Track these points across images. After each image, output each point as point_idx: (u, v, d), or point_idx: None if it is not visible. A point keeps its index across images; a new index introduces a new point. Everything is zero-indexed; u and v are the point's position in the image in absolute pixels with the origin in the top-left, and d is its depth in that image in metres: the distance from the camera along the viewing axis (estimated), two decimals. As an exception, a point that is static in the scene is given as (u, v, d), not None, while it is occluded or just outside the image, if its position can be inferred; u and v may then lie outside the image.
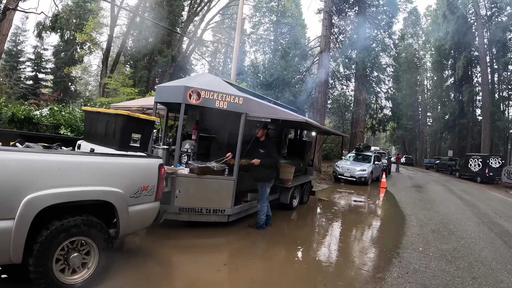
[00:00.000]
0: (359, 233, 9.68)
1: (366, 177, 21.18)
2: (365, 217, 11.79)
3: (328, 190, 18.11)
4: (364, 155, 24.12)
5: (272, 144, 8.32)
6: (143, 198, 5.29)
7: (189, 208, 7.61)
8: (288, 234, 8.72)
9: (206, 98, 7.58)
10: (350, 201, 14.71)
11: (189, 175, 7.55)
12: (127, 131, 5.76)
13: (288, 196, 10.69)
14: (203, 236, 7.56)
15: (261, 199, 8.45)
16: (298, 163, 12.43)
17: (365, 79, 29.21)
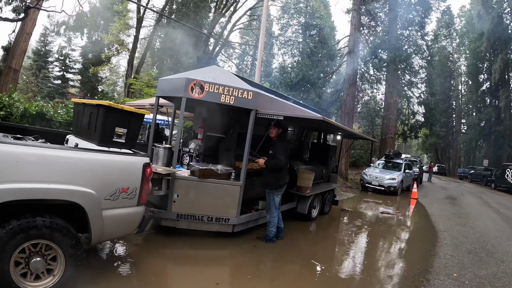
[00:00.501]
0: (384, 251, 8.74)
1: (396, 186, 20.20)
2: (392, 232, 10.95)
3: (354, 199, 17.30)
4: (394, 162, 23.16)
5: (281, 144, 7.59)
6: (121, 202, 4.86)
7: (188, 214, 7.11)
8: (303, 249, 7.93)
9: (210, 91, 7.04)
10: (377, 212, 13.96)
11: (189, 177, 7.08)
12: (109, 124, 5.33)
13: (306, 206, 9.93)
14: (203, 247, 7.01)
15: (269, 209, 7.73)
16: (320, 169, 11.69)
17: (397, 81, 28.06)
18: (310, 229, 9.73)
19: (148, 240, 6.95)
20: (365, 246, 8.95)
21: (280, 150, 7.48)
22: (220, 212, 7.28)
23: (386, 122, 31.61)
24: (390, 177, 20.67)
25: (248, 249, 7.20)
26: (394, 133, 32.06)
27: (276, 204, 7.68)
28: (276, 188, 7.59)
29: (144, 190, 5.11)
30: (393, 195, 20.05)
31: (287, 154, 7.68)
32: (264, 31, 18.49)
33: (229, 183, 7.32)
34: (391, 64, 25.68)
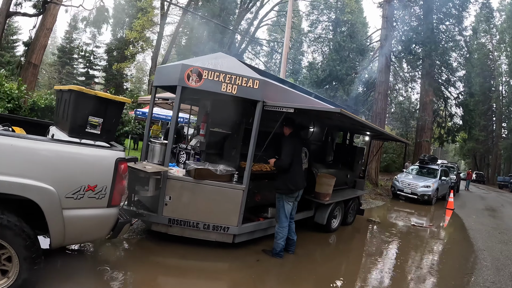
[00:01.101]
0: (412, 273, 7.77)
1: (430, 195, 19.30)
2: (424, 248, 10.11)
3: (383, 208, 16.58)
4: (429, 168, 22.20)
5: (289, 142, 6.97)
6: (87, 201, 4.53)
7: (181, 220, 6.64)
8: (318, 266, 7.27)
9: (209, 79, 6.54)
10: (407, 224, 13.20)
11: (183, 178, 6.62)
12: (81, 112, 4.95)
13: (326, 215, 9.19)
14: (198, 258, 6.56)
15: (278, 217, 7.08)
16: (344, 173, 10.97)
17: (432, 79, 26.92)
18: (328, 242, 9.11)
19: (138, 246, 6.69)
20: (391, 267, 8.07)
21: (286, 149, 6.86)
22: (218, 219, 6.73)
23: (421, 124, 30.61)
24: (424, 185, 19.72)
25: (249, 264, 6.64)
26: (430, 137, 31.10)
27: (286, 212, 6.97)
28: (286, 193, 6.95)
29: (117, 190, 4.72)
30: (427, 205, 19.18)
31: (297, 154, 7.06)
32: (290, 25, 18.64)
33: (229, 186, 6.74)
34: (427, 59, 24.80)
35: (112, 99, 5.17)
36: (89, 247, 6.19)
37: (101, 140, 5.04)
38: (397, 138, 12.38)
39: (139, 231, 7.26)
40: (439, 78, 28.37)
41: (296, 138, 7.15)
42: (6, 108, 10.69)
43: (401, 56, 26.15)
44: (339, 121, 8.59)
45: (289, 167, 6.79)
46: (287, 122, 7.04)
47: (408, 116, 36.12)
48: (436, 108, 31.52)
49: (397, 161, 38.11)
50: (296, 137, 7.19)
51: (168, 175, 6.49)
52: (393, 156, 38.28)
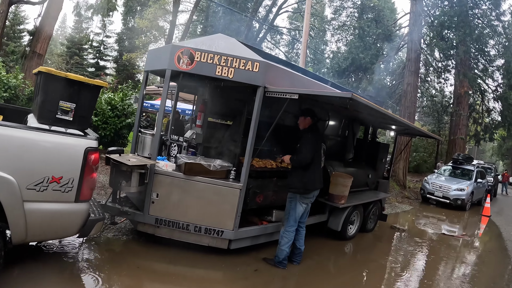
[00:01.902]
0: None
1: (464, 199, 18.84)
2: (454, 261, 9.80)
3: (410, 213, 16.29)
4: (463, 169, 21.75)
5: (311, 136, 6.70)
6: (51, 194, 4.54)
7: (170, 220, 6.50)
8: (327, 280, 6.94)
9: (202, 62, 6.33)
10: (437, 232, 12.82)
11: (172, 173, 6.51)
12: (51, 96, 4.98)
13: (341, 220, 8.89)
14: (187, 264, 6.42)
15: (286, 218, 6.79)
16: (365, 173, 10.69)
17: (468, 68, 26.43)
18: (344, 252, 8.89)
19: (124, 247, 6.65)
20: (416, 283, 7.75)
21: (308, 143, 6.61)
22: (211, 222, 6.56)
23: (456, 120, 30.31)
24: (457, 188, 19.33)
25: (246, 274, 6.41)
26: (465, 134, 30.72)
27: (296, 215, 6.69)
28: (301, 193, 6.66)
29: (86, 183, 4.74)
30: (460, 210, 18.82)
31: (317, 150, 6.78)
32: (309, 9, 18.88)
33: (225, 184, 6.55)
34: (461, 46, 24.34)
35: (85, 82, 5.11)
36: (69, 246, 6.15)
37: (74, 127, 5.01)
38: (427, 134, 12.12)
39: (125, 231, 7.20)
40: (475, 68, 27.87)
41: (317, 133, 6.97)
42: (2, 97, 10.86)
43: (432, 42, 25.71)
44: (358, 112, 8.33)
45: (309, 164, 6.57)
46: (306, 112, 6.77)
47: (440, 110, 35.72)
48: (472, 102, 31.17)
49: (428, 160, 37.72)
50: (317, 131, 7.02)
51: (155, 169, 6.33)
52: (424, 155, 37.83)
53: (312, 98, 6.80)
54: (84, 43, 54.00)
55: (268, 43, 45.91)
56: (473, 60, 27.40)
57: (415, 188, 23.49)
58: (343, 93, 6.25)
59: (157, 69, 7.34)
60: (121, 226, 7.25)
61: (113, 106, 12.82)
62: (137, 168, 6.04)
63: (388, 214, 12.13)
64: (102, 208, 5.82)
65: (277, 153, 7.26)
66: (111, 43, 56.35)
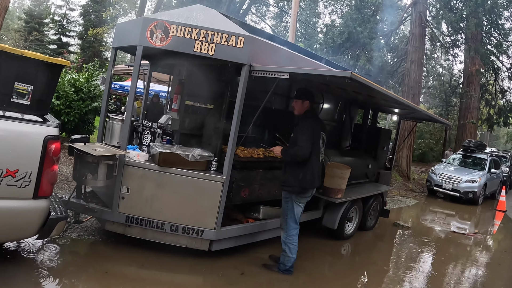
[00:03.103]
0: None
1: (476, 192, 18.94)
2: (465, 263, 9.86)
3: (416, 208, 16.51)
4: (475, 158, 21.96)
5: (307, 125, 6.61)
6: (5, 190, 4.54)
7: (142, 219, 6.50)
8: (322, 285, 7.03)
9: (177, 37, 6.35)
10: (446, 230, 12.98)
11: (145, 165, 6.52)
12: (5, 77, 4.95)
13: (337, 218, 8.96)
14: (163, 268, 6.42)
15: (285, 222, 6.78)
16: (364, 163, 10.78)
17: (479, 44, 26.57)
18: (340, 253, 9.01)
19: (90, 249, 6.66)
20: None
21: (304, 133, 6.48)
22: (190, 220, 6.59)
23: (466, 102, 30.49)
24: (468, 179, 19.43)
25: (230, 279, 6.43)
26: (476, 118, 30.91)
27: (296, 216, 6.71)
28: (298, 193, 6.64)
29: (46, 177, 4.75)
30: (472, 205, 18.97)
31: (317, 141, 6.73)
32: None
33: (205, 176, 6.56)
34: (472, 17, 24.42)
35: (45, 61, 5.10)
36: (26, 249, 6.09)
37: (31, 112, 5.04)
38: (434, 118, 12.15)
39: (92, 231, 7.23)
40: (488, 43, 28.05)
41: (315, 119, 6.89)
42: None
43: (439, 14, 25.78)
44: (356, 94, 8.44)
45: (307, 159, 6.52)
46: (303, 95, 6.72)
47: (449, 91, 35.96)
48: (484, 82, 31.34)
49: (435, 148, 38.08)
50: (315, 117, 6.96)
51: (125, 160, 6.34)
52: (430, 142, 38.19)
53: (305, 78, 6.81)
54: (44, 17, 53.87)
55: (252, 15, 46.58)
56: (485, 34, 27.52)
57: (421, 179, 23.70)
58: (342, 72, 6.24)
59: (127, 46, 7.27)
60: (86, 225, 7.25)
61: (77, 88, 12.73)
62: (105, 159, 6.03)
63: (390, 209, 12.26)
64: (65, 205, 5.82)
65: (265, 141, 7.30)
66: (75, 17, 55.92)
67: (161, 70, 9.38)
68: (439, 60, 31.14)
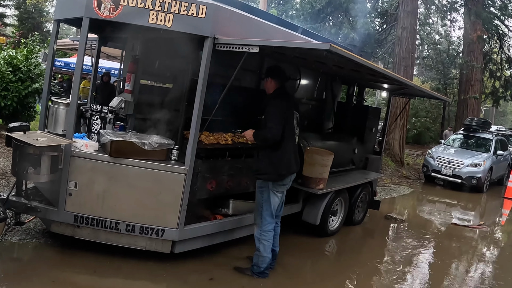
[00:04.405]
0: None
1: (480, 177, 19.05)
2: (470, 261, 10.00)
3: (411, 198, 16.70)
4: (478, 138, 22.11)
5: (277, 104, 6.79)
6: None
7: (93, 218, 6.50)
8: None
9: (130, 7, 6.36)
10: (447, 222, 13.17)
11: (95, 155, 6.56)
12: None
13: (319, 211, 9.00)
14: (119, 275, 6.47)
15: (259, 216, 6.88)
16: (349, 147, 10.95)
17: (481, 7, 26.84)
18: (324, 252, 9.07)
19: (34, 255, 6.67)
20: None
21: (273, 113, 6.66)
22: (148, 218, 6.61)
23: (467, 73, 30.68)
24: (471, 163, 19.52)
25: (196, 285, 6.58)
26: (479, 92, 31.03)
27: (272, 209, 6.79)
28: (274, 180, 6.74)
29: None
30: (476, 192, 19.11)
31: (290, 121, 6.90)
32: None
33: (165, 167, 6.60)
34: None
35: None
36: None
37: None
38: (429, 93, 12.28)
39: (35, 234, 7.22)
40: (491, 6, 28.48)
41: (286, 98, 7.03)
42: None
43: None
44: (339, 68, 8.49)
45: (280, 141, 6.62)
46: (271, 73, 6.86)
47: (447, 62, 36.20)
48: (487, 50, 31.60)
49: (433, 128, 38.51)
50: (285, 95, 7.08)
51: (72, 151, 6.34)
52: (427, 121, 38.31)
53: (278, 51, 6.89)
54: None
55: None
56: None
57: (416, 164, 23.82)
58: (319, 44, 6.39)
59: (71, 17, 7.22)
60: (29, 226, 7.25)
61: (15, 67, 12.59)
62: (48, 150, 6.00)
63: (381, 200, 12.41)
64: (3, 204, 5.87)
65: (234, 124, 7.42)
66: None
67: (111, 44, 9.37)
68: (434, 26, 31.35)
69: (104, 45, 9.33)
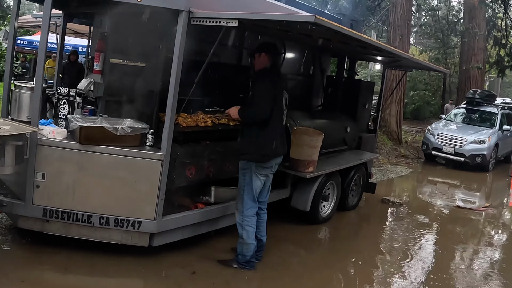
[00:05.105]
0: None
1: (485, 155, 19.36)
2: (476, 247, 9.99)
3: (410, 179, 16.92)
4: (482, 112, 22.21)
5: (266, 81, 6.84)
6: None
7: (64, 211, 6.43)
8: (293, 284, 7.11)
9: None
10: (449, 205, 13.29)
11: (63, 143, 6.50)
12: None
13: (309, 197, 9.06)
14: (93, 272, 6.40)
15: (241, 200, 6.93)
16: (341, 125, 10.98)
17: None
18: (316, 240, 9.16)
19: (2, 252, 6.58)
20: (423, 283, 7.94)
21: (263, 90, 6.74)
22: (123, 210, 6.59)
23: (469, 42, 30.87)
24: (475, 139, 19.71)
25: (179, 281, 6.52)
26: (483, 62, 31.19)
27: (254, 192, 6.82)
28: (257, 161, 6.79)
29: None
30: (481, 171, 19.28)
31: (279, 100, 7.02)
32: None
33: (139, 154, 6.57)
34: None
35: None
36: None
37: None
38: (426, 65, 12.38)
39: (1, 230, 7.28)
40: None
41: (276, 76, 7.10)
42: None
43: None
44: (326, 40, 8.46)
45: (267, 120, 6.68)
46: (259, 48, 6.95)
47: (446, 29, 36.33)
48: (490, 15, 31.84)
49: (432, 102, 38.74)
50: (276, 73, 7.17)
51: (38, 139, 6.29)
52: (426, 94, 38.53)
53: (259, 24, 6.89)
54: None
55: None
56: None
57: (415, 142, 24.00)
58: (303, 16, 6.40)
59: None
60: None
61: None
62: (12, 139, 5.97)
63: (377, 182, 12.45)
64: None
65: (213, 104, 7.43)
66: None
67: (78, 21, 9.33)
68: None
69: (69, 22, 9.27)
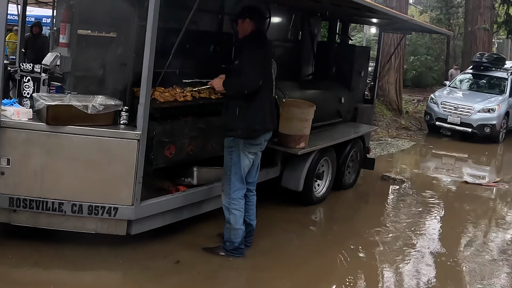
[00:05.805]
0: None
1: (495, 124, 19.49)
2: (487, 226, 10.04)
3: (412, 153, 17.12)
4: (490, 77, 22.34)
5: (254, 49, 6.83)
6: None
7: (32, 199, 6.34)
8: (286, 271, 7.03)
9: None
10: (456, 180, 13.34)
11: (29, 124, 6.42)
12: None
13: (301, 175, 9.10)
14: (67, 265, 6.37)
15: (227, 181, 6.90)
16: (335, 96, 11.01)
17: None
18: (311, 223, 9.18)
19: None
20: (430, 268, 7.91)
21: (251, 59, 6.66)
22: (98, 195, 6.49)
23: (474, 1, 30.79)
24: (483, 107, 19.81)
25: (160, 271, 6.52)
26: (490, 22, 31.24)
27: (242, 172, 6.82)
28: (245, 138, 6.75)
29: None
30: (490, 143, 19.37)
31: (268, 70, 6.97)
32: None
33: (113, 133, 6.49)
34: None
35: None
36: None
37: None
38: (426, 27, 12.37)
39: None
40: None
41: (263, 43, 7.12)
42: None
43: None
44: (315, 1, 8.52)
45: (256, 92, 6.64)
46: (249, 12, 6.88)
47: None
48: (497, -31, 31.73)
49: (435, 67, 38.68)
50: (264, 40, 7.19)
51: (1, 121, 6.22)
52: (428, 59, 38.54)
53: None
54: None
55: None
56: None
57: (417, 112, 24.11)
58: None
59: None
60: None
61: None
62: None
63: (376, 157, 12.58)
64: None
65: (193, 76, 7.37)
66: None
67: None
68: None
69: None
